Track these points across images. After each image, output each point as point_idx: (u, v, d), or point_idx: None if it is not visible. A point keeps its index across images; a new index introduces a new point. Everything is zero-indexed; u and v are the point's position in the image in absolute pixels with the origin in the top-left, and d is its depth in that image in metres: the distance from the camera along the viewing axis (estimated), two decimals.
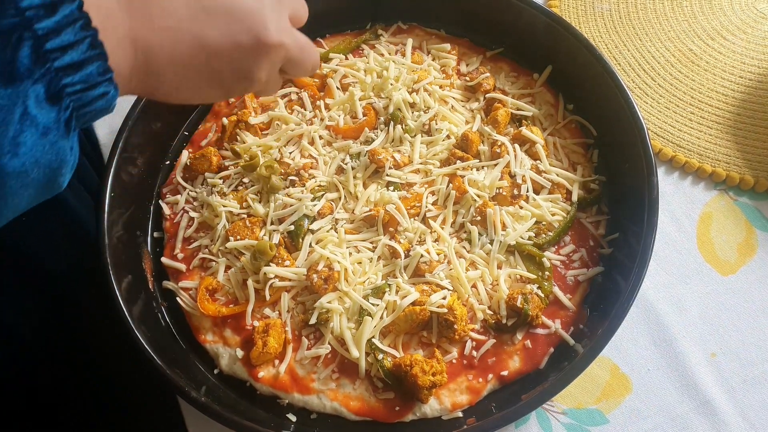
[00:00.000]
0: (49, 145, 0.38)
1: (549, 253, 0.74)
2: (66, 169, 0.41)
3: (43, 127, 0.37)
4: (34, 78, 0.36)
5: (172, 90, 0.48)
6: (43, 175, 0.39)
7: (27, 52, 0.36)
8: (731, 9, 0.96)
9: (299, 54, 0.54)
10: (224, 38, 0.47)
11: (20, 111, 0.36)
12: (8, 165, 0.36)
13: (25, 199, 0.40)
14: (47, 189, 0.41)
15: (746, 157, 0.84)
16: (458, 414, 0.66)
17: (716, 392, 0.70)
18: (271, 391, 0.69)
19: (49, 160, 0.39)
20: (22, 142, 0.36)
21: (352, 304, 0.70)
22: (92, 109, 0.41)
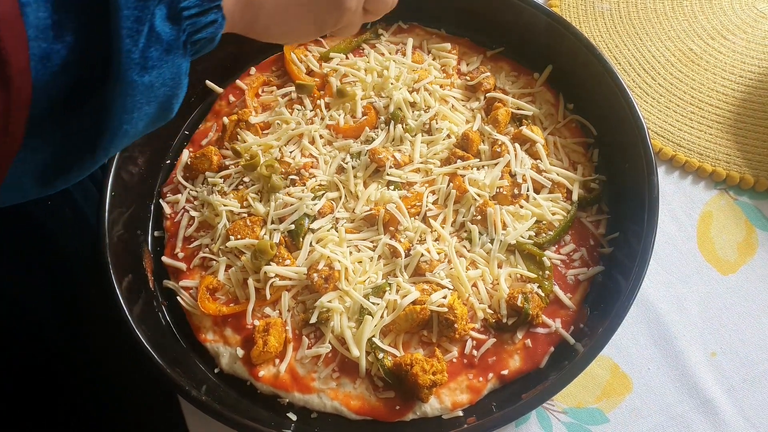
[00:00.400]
0: (171, 62, 0.40)
1: (549, 252, 0.74)
2: (180, 92, 0.43)
3: (166, 43, 0.39)
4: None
5: (270, 23, 0.50)
6: (164, 94, 0.41)
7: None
8: (731, 8, 0.96)
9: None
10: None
11: (148, 26, 0.38)
12: (138, 76, 0.38)
13: (145, 118, 0.42)
14: (163, 111, 0.43)
15: (746, 156, 0.84)
16: (459, 413, 0.66)
17: (716, 391, 0.70)
18: (272, 390, 0.69)
19: (171, 77, 0.40)
20: (149, 56, 0.38)
21: (352, 303, 0.70)
22: (203, 36, 0.43)
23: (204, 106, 0.89)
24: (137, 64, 0.38)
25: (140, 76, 0.38)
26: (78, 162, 0.43)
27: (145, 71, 0.38)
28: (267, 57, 0.91)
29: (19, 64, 0.33)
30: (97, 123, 0.40)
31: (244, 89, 0.88)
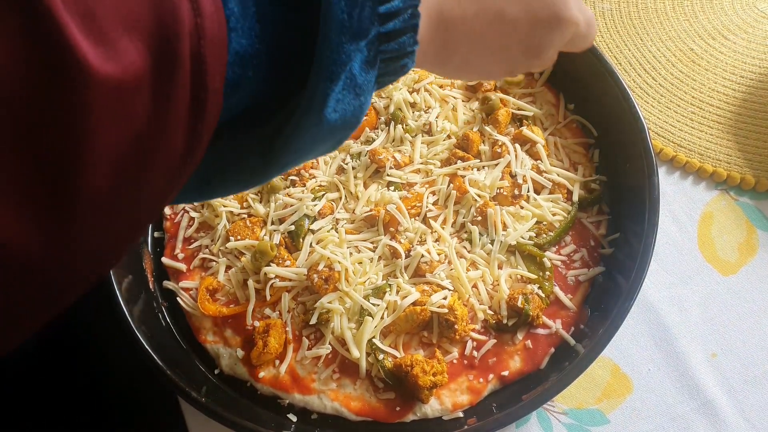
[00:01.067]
0: (358, 106, 0.39)
1: (550, 253, 0.74)
2: (357, 126, 0.42)
3: (358, 88, 0.38)
4: (368, 39, 0.37)
5: (461, 64, 0.48)
6: (343, 130, 0.40)
7: (368, 12, 0.36)
8: (732, 9, 0.95)
9: (586, 30, 0.53)
10: (523, 12, 0.46)
11: (348, 70, 0.37)
12: (327, 116, 0.37)
13: (322, 149, 0.42)
14: (334, 144, 0.42)
15: (747, 156, 0.84)
16: (459, 414, 0.66)
17: (717, 392, 0.70)
18: (272, 392, 0.69)
19: (353, 118, 0.39)
20: (341, 99, 0.37)
21: (352, 304, 0.70)
22: (389, 79, 0.42)
23: None
24: (329, 107, 0.37)
25: (331, 116, 0.37)
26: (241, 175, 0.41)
27: (335, 112, 0.37)
28: None
29: (215, 85, 0.33)
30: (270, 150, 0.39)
31: None
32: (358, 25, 0.36)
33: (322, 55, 0.35)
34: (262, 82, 0.36)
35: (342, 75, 0.36)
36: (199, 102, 0.32)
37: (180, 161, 0.33)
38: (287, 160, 0.40)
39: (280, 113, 0.38)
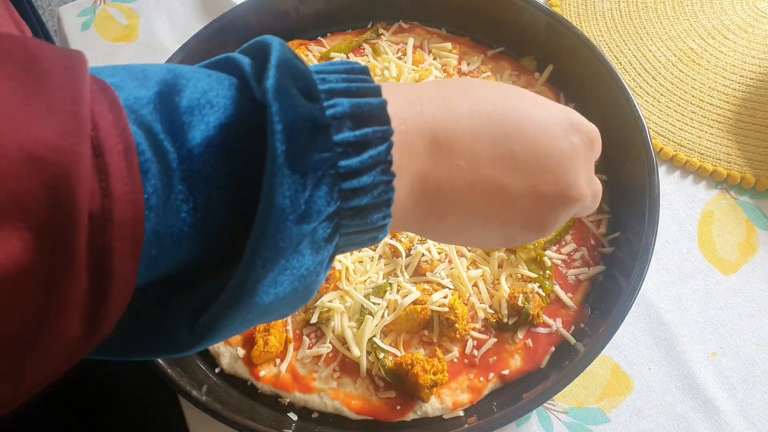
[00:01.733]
0: (304, 286, 0.33)
1: (550, 252, 0.74)
2: (309, 300, 0.36)
3: (306, 270, 0.33)
4: (320, 220, 0.31)
5: (450, 233, 0.42)
6: (285, 308, 0.35)
7: (324, 192, 0.31)
8: (732, 8, 0.95)
9: (591, 204, 0.47)
10: (526, 187, 0.40)
11: (292, 252, 0.31)
12: (257, 303, 0.32)
13: (263, 321, 0.36)
14: (283, 315, 0.37)
15: (747, 156, 0.84)
16: (459, 413, 0.66)
17: (717, 391, 0.70)
18: (273, 390, 0.69)
19: (298, 296, 0.34)
20: (279, 281, 0.32)
21: (353, 303, 0.70)
22: (353, 248, 0.37)
23: None
24: (263, 292, 0.31)
25: (260, 300, 0.31)
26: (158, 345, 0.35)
27: (267, 296, 0.32)
28: None
29: (124, 270, 0.28)
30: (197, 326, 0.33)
31: None
32: (307, 208, 0.30)
33: (256, 241, 0.30)
34: (186, 260, 0.32)
35: (281, 261, 0.31)
36: (101, 289, 0.27)
37: (77, 343, 0.28)
38: (215, 338, 0.33)
39: (210, 285, 0.32)
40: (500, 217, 0.41)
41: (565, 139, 0.42)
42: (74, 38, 0.99)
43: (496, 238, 0.44)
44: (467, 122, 0.38)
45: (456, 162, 0.38)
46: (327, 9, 0.91)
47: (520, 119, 0.40)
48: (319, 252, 0.33)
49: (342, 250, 0.36)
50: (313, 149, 0.30)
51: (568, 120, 0.43)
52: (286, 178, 0.29)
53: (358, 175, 0.32)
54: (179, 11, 1.02)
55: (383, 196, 0.33)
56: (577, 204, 0.43)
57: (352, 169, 0.32)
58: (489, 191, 0.40)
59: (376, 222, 0.34)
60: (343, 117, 0.31)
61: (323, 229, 0.32)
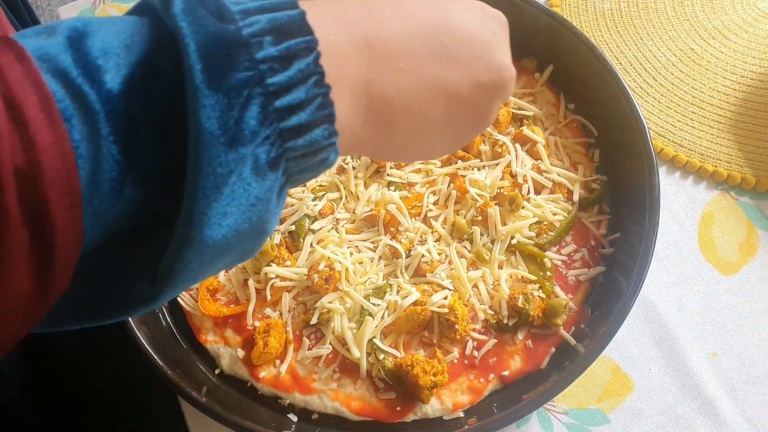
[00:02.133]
0: (256, 216, 0.32)
1: (550, 252, 0.74)
2: (268, 234, 0.36)
3: (254, 197, 0.32)
4: (257, 142, 0.30)
5: (403, 144, 0.41)
6: (243, 244, 0.34)
7: (255, 112, 0.30)
8: (732, 8, 0.95)
9: (513, 85, 0.48)
10: (466, 78, 0.41)
11: (235, 179, 0.30)
12: (209, 237, 0.31)
13: (222, 265, 0.35)
14: (241, 256, 0.36)
15: (747, 156, 0.84)
16: (459, 414, 0.66)
17: (718, 392, 0.70)
18: (273, 391, 0.69)
19: (255, 229, 0.33)
20: (229, 212, 0.31)
21: (353, 304, 0.70)
22: (306, 175, 0.35)
23: None
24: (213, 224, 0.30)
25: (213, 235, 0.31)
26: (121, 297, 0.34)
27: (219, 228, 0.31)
28: None
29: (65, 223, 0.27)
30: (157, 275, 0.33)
31: None
32: (238, 129, 0.29)
33: (193, 171, 0.29)
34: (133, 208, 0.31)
35: (224, 189, 0.30)
36: (44, 243, 0.27)
37: (32, 301, 0.29)
38: (178, 284, 0.33)
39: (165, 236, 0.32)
40: (447, 112, 0.41)
41: (486, 26, 0.42)
42: None
43: (446, 141, 0.44)
44: (396, 25, 0.38)
45: (395, 64, 0.38)
46: None
47: (445, 15, 0.40)
48: (264, 178, 0.32)
49: (295, 178, 0.35)
50: (233, 68, 0.29)
51: (482, 9, 0.43)
52: (208, 99, 0.29)
53: (289, 90, 0.31)
54: None
55: (322, 110, 0.32)
56: (510, 85, 0.44)
57: (282, 84, 0.31)
58: (433, 88, 0.39)
59: (322, 140, 0.33)
60: (261, 34, 0.31)
61: (264, 152, 0.31)
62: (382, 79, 0.37)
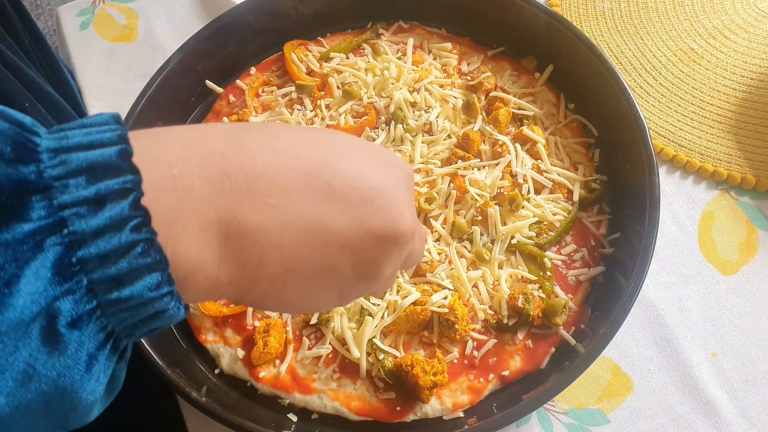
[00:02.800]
0: (53, 387, 0.28)
1: (550, 252, 0.74)
2: (89, 408, 0.31)
3: (45, 365, 0.27)
4: (47, 302, 0.27)
5: (274, 290, 0.36)
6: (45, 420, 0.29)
7: (42, 268, 0.26)
8: (733, 8, 0.95)
9: (420, 245, 0.43)
10: (351, 222, 0.36)
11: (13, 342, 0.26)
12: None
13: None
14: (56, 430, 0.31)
15: (748, 156, 0.84)
16: (459, 414, 0.66)
17: (717, 392, 0.70)
18: (272, 391, 0.68)
19: (53, 402, 0.29)
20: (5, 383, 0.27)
21: (352, 304, 0.70)
22: (143, 330, 0.31)
23: (204, 106, 0.89)
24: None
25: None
26: None
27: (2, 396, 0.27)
28: (267, 57, 0.91)
29: None
30: None
31: (245, 89, 0.88)
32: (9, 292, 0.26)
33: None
34: None
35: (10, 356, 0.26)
36: None
37: None
38: None
39: None
40: (328, 260, 0.36)
41: (385, 172, 0.38)
42: (73, 38, 0.99)
43: (327, 291, 0.38)
44: (269, 157, 0.34)
45: (262, 198, 0.33)
46: (327, 9, 0.91)
47: (335, 155, 0.36)
48: (61, 342, 0.27)
49: (126, 333, 0.31)
50: (16, 218, 0.26)
51: (385, 155, 0.40)
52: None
53: (98, 237, 0.27)
54: (179, 11, 1.01)
55: (145, 258, 0.28)
56: (409, 241, 0.39)
57: (88, 232, 0.27)
58: (308, 229, 0.35)
59: (148, 292, 0.29)
60: (69, 175, 0.28)
61: (65, 310, 0.27)
62: (243, 214, 0.33)
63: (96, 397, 0.30)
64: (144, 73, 0.91)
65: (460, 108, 0.83)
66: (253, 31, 0.88)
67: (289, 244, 0.34)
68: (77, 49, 0.98)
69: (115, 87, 0.94)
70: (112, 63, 0.96)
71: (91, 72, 0.96)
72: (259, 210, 0.33)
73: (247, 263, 0.34)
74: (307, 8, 0.91)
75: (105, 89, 0.94)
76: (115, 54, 0.97)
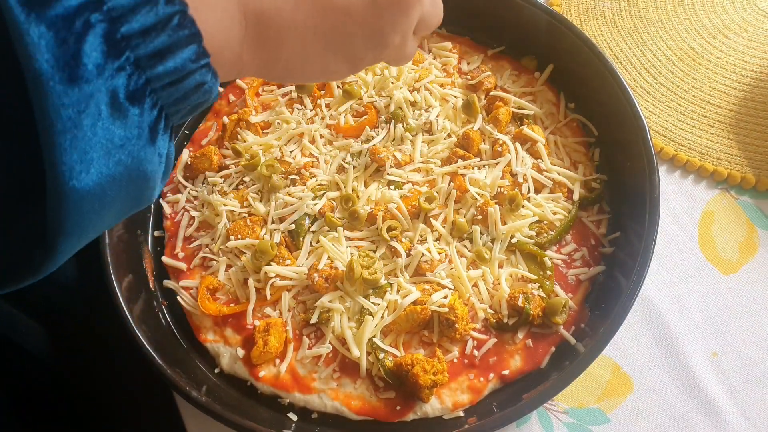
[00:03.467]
0: (129, 157, 0.30)
1: (550, 252, 0.74)
2: (154, 181, 0.33)
3: (120, 137, 0.29)
4: (106, 75, 0.28)
5: (294, 64, 0.39)
6: (125, 191, 0.31)
7: (97, 42, 0.27)
8: (732, 7, 0.95)
9: (431, 8, 0.44)
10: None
11: (88, 120, 0.28)
12: (79, 185, 0.28)
13: (108, 219, 0.32)
14: (132, 204, 0.33)
15: (747, 155, 0.84)
16: (459, 413, 0.66)
17: (718, 391, 0.70)
18: (272, 391, 0.68)
19: (131, 173, 0.31)
20: (92, 157, 0.28)
21: (353, 303, 0.70)
22: (186, 105, 0.33)
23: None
24: (78, 171, 0.28)
25: (82, 183, 0.28)
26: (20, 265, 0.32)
27: (87, 175, 0.28)
28: None
29: None
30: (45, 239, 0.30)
31: (245, 88, 0.88)
32: (76, 67, 0.26)
33: (39, 117, 0.27)
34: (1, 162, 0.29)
35: (77, 132, 0.27)
36: None
37: None
38: (67, 241, 0.30)
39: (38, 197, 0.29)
40: (339, 31, 0.38)
41: None
42: None
43: (341, 61, 0.41)
44: None
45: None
46: None
47: None
48: (127, 114, 0.29)
49: (172, 110, 0.32)
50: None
51: None
52: (30, 33, 0.25)
53: (135, 13, 0.28)
54: None
55: (182, 30, 0.30)
56: (416, 6, 0.41)
57: (126, 7, 0.28)
58: (318, 6, 0.37)
59: (189, 63, 0.30)
60: None
61: (122, 85, 0.28)
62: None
63: (160, 170, 0.33)
64: None
65: (460, 107, 0.83)
66: None
67: (302, 19, 0.37)
68: None
69: None
70: None
71: None
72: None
73: (265, 42, 0.37)
74: None
75: None
76: None
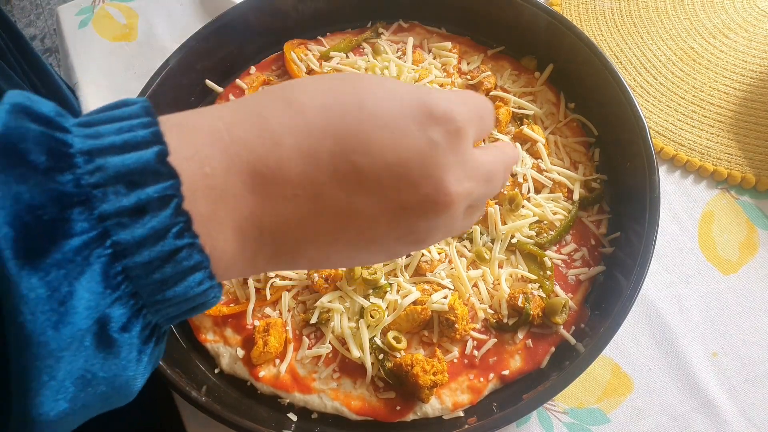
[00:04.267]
0: (111, 387, 0.29)
1: (550, 252, 0.74)
2: (138, 387, 0.31)
3: (103, 369, 0.28)
4: (99, 310, 0.27)
5: (318, 264, 0.37)
6: (102, 405, 0.30)
7: (94, 279, 0.26)
8: (733, 7, 0.95)
9: (485, 189, 0.38)
10: (381, 206, 0.34)
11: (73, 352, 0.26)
12: (52, 413, 0.27)
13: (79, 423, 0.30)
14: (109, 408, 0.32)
15: (748, 155, 0.83)
16: (459, 413, 0.66)
17: (718, 392, 0.70)
18: (272, 391, 0.68)
19: (112, 393, 0.29)
20: (70, 389, 0.27)
21: (352, 303, 0.69)
22: (183, 318, 0.32)
23: (204, 105, 0.88)
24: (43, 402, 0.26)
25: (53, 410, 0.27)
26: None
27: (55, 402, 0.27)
28: (267, 56, 0.91)
29: None
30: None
31: (244, 89, 0.88)
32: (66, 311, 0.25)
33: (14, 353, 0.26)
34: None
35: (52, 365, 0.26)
36: None
37: None
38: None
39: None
40: (364, 238, 0.35)
41: (421, 133, 0.34)
42: (72, 37, 0.99)
43: (374, 255, 0.37)
44: (293, 142, 0.32)
45: (291, 191, 0.32)
46: (327, 8, 0.91)
47: (361, 122, 0.33)
48: (115, 345, 0.28)
49: (164, 322, 0.31)
50: (62, 236, 0.25)
51: (422, 108, 0.34)
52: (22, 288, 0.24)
53: (141, 247, 0.27)
54: (178, 11, 1.01)
55: (188, 261, 0.28)
56: (460, 204, 0.36)
57: (132, 242, 0.27)
58: (340, 216, 0.33)
59: (195, 288, 0.29)
60: (108, 183, 0.27)
61: (114, 316, 0.27)
62: (275, 209, 0.32)
63: (145, 379, 0.31)
64: (144, 72, 0.91)
65: None
66: (252, 31, 0.88)
67: (323, 231, 0.34)
68: (77, 48, 0.98)
69: (114, 86, 0.94)
70: (112, 62, 0.96)
71: (90, 71, 0.96)
72: (288, 204, 0.32)
73: (282, 253, 0.34)
74: (307, 7, 0.91)
75: (104, 88, 0.94)
76: (115, 53, 0.97)
